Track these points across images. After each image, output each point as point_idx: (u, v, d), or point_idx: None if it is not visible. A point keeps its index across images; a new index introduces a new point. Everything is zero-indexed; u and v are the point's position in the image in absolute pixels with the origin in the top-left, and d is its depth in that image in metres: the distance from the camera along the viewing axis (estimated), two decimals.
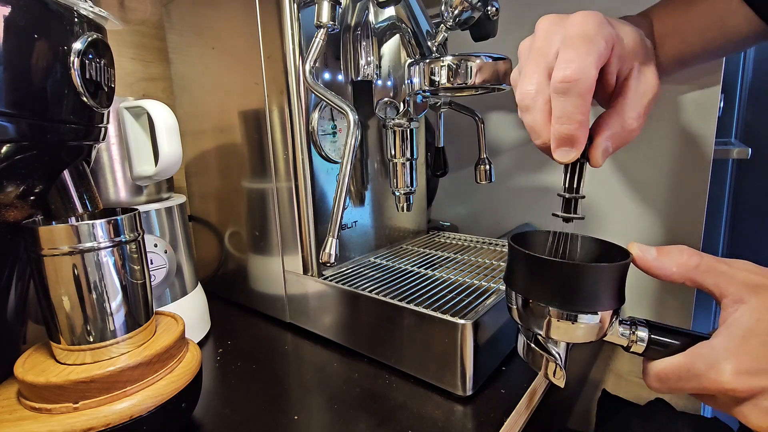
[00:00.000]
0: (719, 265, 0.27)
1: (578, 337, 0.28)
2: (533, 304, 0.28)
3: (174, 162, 0.43)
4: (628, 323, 0.29)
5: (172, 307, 0.47)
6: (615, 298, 0.27)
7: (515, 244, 0.29)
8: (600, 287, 0.26)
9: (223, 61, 0.52)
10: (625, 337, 0.28)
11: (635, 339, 0.28)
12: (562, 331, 0.28)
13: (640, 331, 0.28)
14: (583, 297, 0.26)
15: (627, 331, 0.28)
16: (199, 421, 0.36)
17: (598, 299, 0.27)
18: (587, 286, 0.26)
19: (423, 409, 0.36)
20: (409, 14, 0.47)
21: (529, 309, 0.29)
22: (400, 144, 0.48)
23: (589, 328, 0.27)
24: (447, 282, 0.47)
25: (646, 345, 0.28)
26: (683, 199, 0.62)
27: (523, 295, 0.29)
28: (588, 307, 0.27)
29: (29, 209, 0.29)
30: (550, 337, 0.29)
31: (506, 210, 0.83)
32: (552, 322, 0.28)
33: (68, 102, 0.28)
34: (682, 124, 0.62)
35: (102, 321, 0.29)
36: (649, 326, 0.29)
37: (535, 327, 0.29)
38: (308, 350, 0.47)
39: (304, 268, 0.49)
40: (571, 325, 0.27)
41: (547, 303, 0.27)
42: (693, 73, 0.61)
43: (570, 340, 0.28)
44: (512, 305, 0.31)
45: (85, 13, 0.29)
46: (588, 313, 0.27)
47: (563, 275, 0.27)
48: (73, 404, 0.27)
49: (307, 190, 0.47)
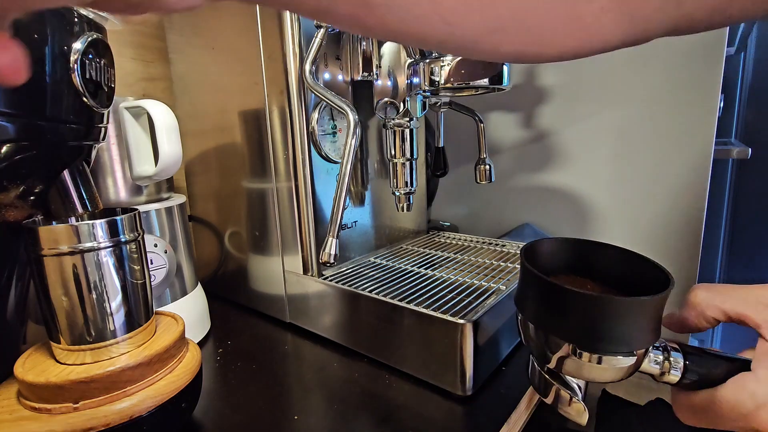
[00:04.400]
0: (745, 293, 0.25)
1: (607, 377, 0.23)
2: (551, 338, 0.24)
3: (174, 162, 0.43)
4: (659, 349, 0.24)
5: (172, 307, 0.47)
6: (653, 332, 0.23)
7: (529, 264, 0.25)
8: (638, 323, 0.22)
9: (223, 61, 0.52)
10: (658, 366, 0.24)
11: (668, 367, 0.24)
12: (586, 371, 0.23)
13: (674, 357, 0.24)
14: (616, 336, 0.22)
15: (660, 357, 0.24)
16: (199, 421, 0.36)
17: (634, 337, 0.22)
18: (622, 323, 0.22)
19: (423, 409, 0.36)
20: None
21: (547, 343, 0.24)
22: (400, 144, 0.48)
23: (621, 369, 0.23)
24: (447, 282, 0.47)
25: (680, 375, 0.24)
26: (683, 199, 0.62)
27: (541, 328, 0.25)
28: (622, 347, 0.22)
29: (29, 209, 0.29)
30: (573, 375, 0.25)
31: (506, 210, 0.83)
32: (574, 361, 0.23)
33: (68, 102, 0.28)
34: (682, 124, 0.62)
35: (102, 321, 0.29)
36: (683, 351, 0.25)
37: (554, 364, 0.25)
38: (308, 350, 0.47)
39: (304, 268, 0.49)
40: (599, 366, 0.23)
41: (570, 341, 0.23)
42: (693, 73, 0.61)
43: (597, 380, 0.24)
44: (525, 333, 0.26)
45: (85, 13, 0.29)
46: (621, 354, 0.22)
47: (593, 310, 0.22)
48: (73, 404, 0.27)
49: (307, 190, 0.47)
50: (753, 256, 0.98)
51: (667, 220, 0.64)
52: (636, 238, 0.67)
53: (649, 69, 0.63)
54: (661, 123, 0.64)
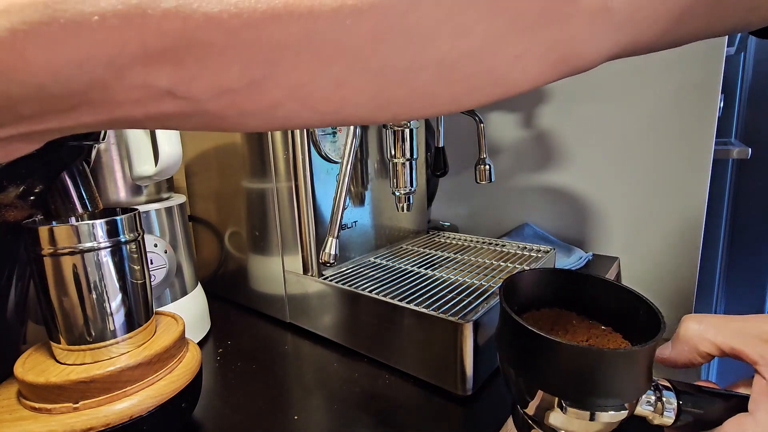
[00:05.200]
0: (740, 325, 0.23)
1: (595, 430, 0.22)
2: (532, 388, 0.22)
3: (174, 162, 0.43)
4: (651, 388, 0.23)
5: (172, 307, 0.47)
6: (646, 381, 0.22)
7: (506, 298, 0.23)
8: (630, 375, 0.21)
9: None
10: (651, 408, 0.23)
11: (662, 410, 0.23)
12: (574, 425, 0.22)
13: (666, 397, 0.23)
14: (608, 389, 0.20)
15: (652, 398, 0.23)
16: (199, 421, 0.36)
17: (627, 389, 0.21)
18: (614, 375, 0.20)
19: (423, 409, 0.36)
20: None
21: (527, 390, 0.23)
22: (400, 144, 0.48)
23: (611, 422, 0.21)
24: (447, 282, 0.47)
25: (674, 416, 0.23)
26: (683, 199, 0.62)
27: (523, 377, 0.23)
28: (613, 400, 0.21)
29: (29, 209, 0.29)
30: (557, 428, 0.23)
31: (506, 210, 0.83)
32: (561, 415, 0.22)
33: None
34: (682, 124, 0.62)
35: (102, 321, 0.29)
36: (675, 390, 0.23)
37: (536, 413, 0.23)
38: (308, 350, 0.47)
39: (304, 268, 0.49)
40: (587, 421, 0.21)
41: (558, 395, 0.21)
42: (693, 73, 0.61)
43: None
44: (505, 375, 0.24)
45: None
46: (612, 408, 0.21)
47: (583, 362, 0.20)
48: (73, 404, 0.27)
49: (307, 190, 0.47)
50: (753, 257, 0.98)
51: (667, 220, 0.64)
52: (636, 238, 0.67)
53: (649, 69, 0.64)
54: (661, 123, 0.64)
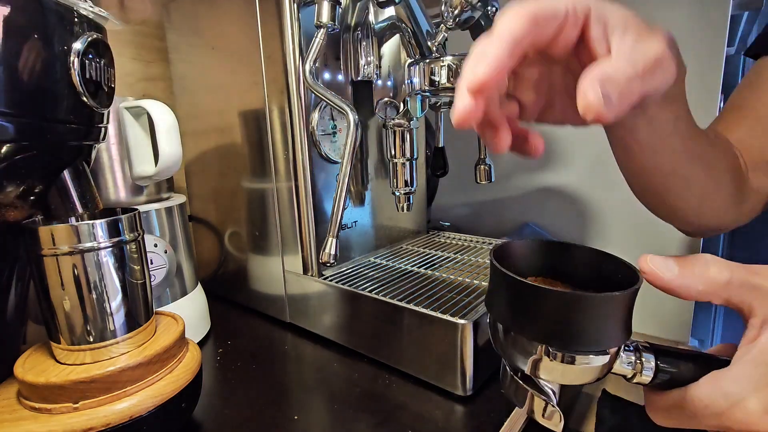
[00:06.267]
0: (752, 278, 0.22)
1: (580, 378, 0.23)
2: (522, 340, 0.24)
3: (174, 162, 0.43)
4: (631, 349, 0.24)
5: (172, 307, 0.47)
6: (624, 331, 0.23)
7: (498, 263, 0.24)
8: (609, 321, 0.22)
9: (223, 61, 0.52)
10: (630, 367, 0.24)
11: (640, 368, 0.24)
12: (559, 372, 0.23)
13: (646, 358, 0.24)
14: (588, 334, 0.22)
15: (632, 358, 0.24)
16: (199, 421, 0.36)
17: (606, 335, 0.22)
18: (593, 320, 0.22)
19: (423, 409, 0.36)
20: (409, 14, 0.47)
21: (516, 345, 0.24)
22: (400, 144, 0.48)
23: (594, 368, 0.23)
24: (447, 282, 0.47)
25: (653, 375, 0.24)
26: None
27: (510, 329, 0.24)
28: (594, 346, 0.22)
29: (29, 209, 0.29)
30: (542, 378, 0.24)
31: (506, 210, 0.83)
32: (547, 363, 0.23)
33: (68, 102, 0.28)
34: None
35: (102, 321, 0.29)
36: (654, 351, 0.24)
37: (523, 365, 0.24)
38: (308, 350, 0.47)
39: (304, 268, 0.49)
40: (572, 366, 0.22)
41: (542, 341, 0.23)
42: (693, 73, 0.60)
43: (570, 383, 0.24)
44: (495, 336, 0.26)
45: (85, 13, 0.29)
46: (593, 353, 0.22)
47: (564, 308, 0.22)
48: (73, 404, 0.27)
49: (307, 190, 0.47)
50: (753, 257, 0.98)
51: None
52: (636, 239, 0.67)
53: None
54: None
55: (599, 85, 0.19)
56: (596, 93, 0.19)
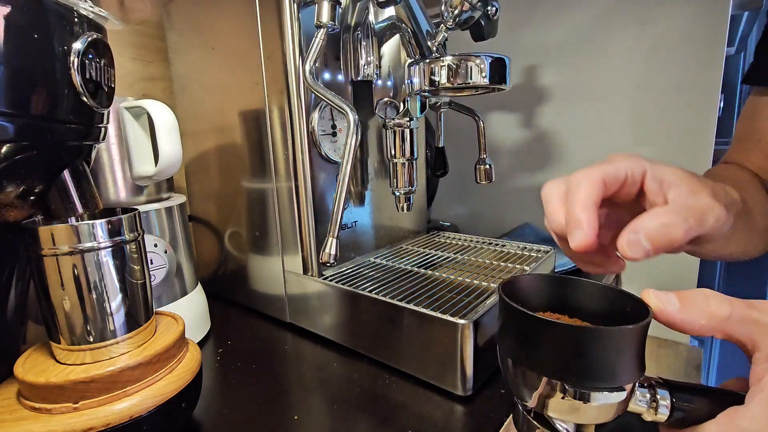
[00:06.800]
0: (752, 312, 0.23)
1: (596, 417, 0.22)
2: (534, 376, 0.23)
3: (174, 162, 0.43)
4: (645, 386, 0.23)
5: (172, 307, 0.47)
6: (639, 367, 0.22)
7: (506, 296, 0.24)
8: (623, 355, 0.21)
9: (223, 61, 0.52)
10: (645, 405, 0.23)
11: (656, 406, 0.23)
12: (575, 410, 0.22)
13: (661, 395, 0.23)
14: (602, 369, 0.21)
15: (647, 395, 0.23)
16: (199, 421, 0.36)
17: (621, 370, 0.21)
18: (607, 355, 0.21)
19: (423, 409, 0.36)
20: (409, 14, 0.47)
21: (529, 381, 0.23)
22: (400, 144, 0.48)
23: (611, 405, 0.22)
24: (447, 282, 0.47)
25: (669, 412, 0.23)
26: None
27: (521, 365, 0.23)
28: (610, 382, 0.21)
29: (29, 209, 0.29)
30: (557, 417, 0.24)
31: (506, 210, 0.83)
32: (561, 400, 0.22)
33: (68, 102, 0.28)
34: (682, 124, 0.62)
35: (102, 321, 0.29)
36: (669, 387, 0.24)
37: (536, 404, 0.23)
38: (308, 350, 0.47)
39: (304, 268, 0.49)
40: (588, 404, 0.22)
41: (557, 378, 0.22)
42: (693, 73, 0.61)
43: (587, 422, 0.23)
44: (506, 371, 0.25)
45: (85, 13, 0.29)
46: (608, 390, 0.21)
47: (577, 342, 0.21)
48: (73, 404, 0.27)
49: (307, 190, 0.47)
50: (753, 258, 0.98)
51: None
52: None
53: (650, 69, 0.64)
54: (661, 123, 0.64)
55: (632, 232, 0.25)
56: (626, 239, 0.25)
